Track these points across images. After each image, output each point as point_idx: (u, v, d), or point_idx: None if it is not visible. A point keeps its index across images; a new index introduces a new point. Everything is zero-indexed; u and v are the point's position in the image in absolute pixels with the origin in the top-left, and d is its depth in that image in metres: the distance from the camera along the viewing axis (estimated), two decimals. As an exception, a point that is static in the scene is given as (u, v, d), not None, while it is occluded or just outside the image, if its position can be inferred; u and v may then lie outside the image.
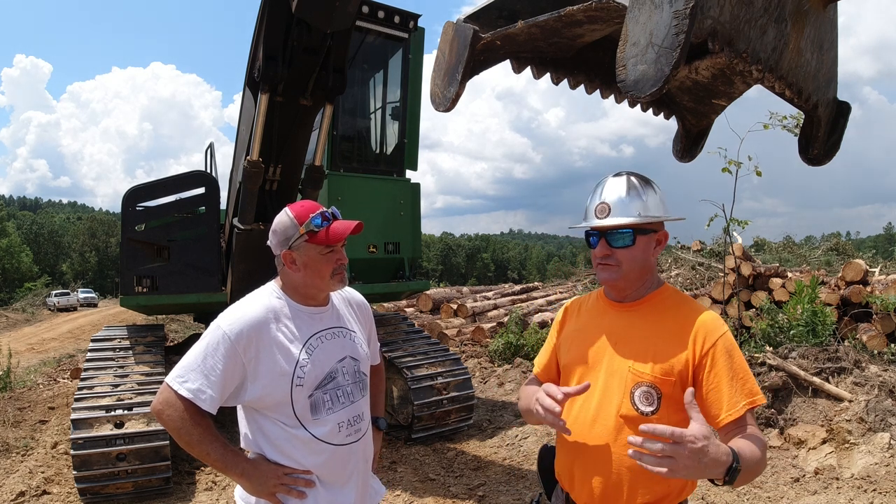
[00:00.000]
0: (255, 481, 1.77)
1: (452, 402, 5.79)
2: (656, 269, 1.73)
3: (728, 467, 1.34)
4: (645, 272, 1.67)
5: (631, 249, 1.62)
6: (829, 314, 6.38)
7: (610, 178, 1.68)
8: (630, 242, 1.62)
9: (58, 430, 5.93)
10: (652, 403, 1.55)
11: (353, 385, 1.93)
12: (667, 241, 1.68)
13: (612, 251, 1.63)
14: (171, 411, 1.73)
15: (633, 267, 1.64)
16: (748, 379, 1.54)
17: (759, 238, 17.54)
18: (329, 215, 1.85)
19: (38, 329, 23.71)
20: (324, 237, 1.82)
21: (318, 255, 1.84)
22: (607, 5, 1.39)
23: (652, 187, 1.65)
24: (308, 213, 1.83)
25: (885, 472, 4.19)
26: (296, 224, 1.82)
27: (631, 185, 1.63)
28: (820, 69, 1.68)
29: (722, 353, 1.54)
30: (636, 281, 1.67)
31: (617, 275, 1.65)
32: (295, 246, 1.83)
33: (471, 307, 11.71)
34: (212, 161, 7.10)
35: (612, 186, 1.65)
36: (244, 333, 1.76)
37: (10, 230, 59.43)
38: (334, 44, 3.84)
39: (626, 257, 1.63)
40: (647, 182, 1.66)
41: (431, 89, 1.78)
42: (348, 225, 1.85)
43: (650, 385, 1.55)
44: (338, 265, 1.87)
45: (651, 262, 1.66)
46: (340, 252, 1.88)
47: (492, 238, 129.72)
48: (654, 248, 1.66)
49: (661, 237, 1.66)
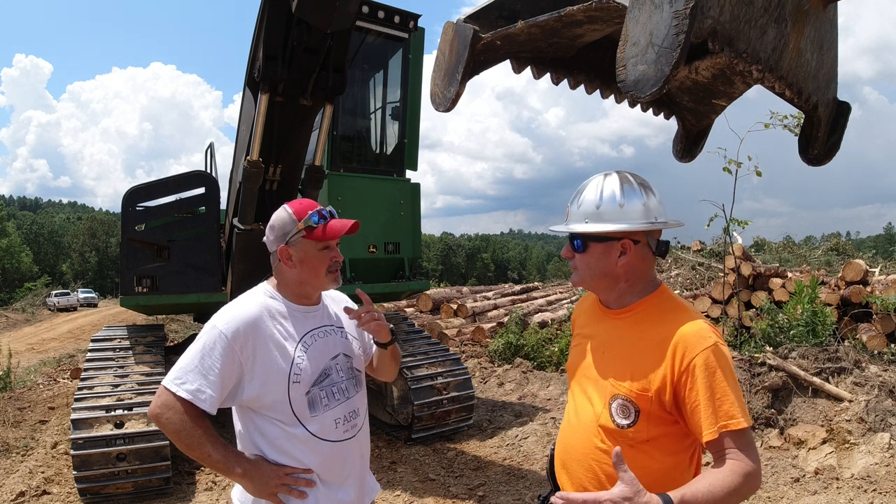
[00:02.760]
0: (257, 482, 1.77)
1: (452, 402, 5.79)
2: (642, 275, 1.62)
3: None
4: (610, 280, 1.60)
5: (585, 255, 1.60)
6: (829, 314, 6.39)
7: (589, 179, 1.65)
8: (580, 249, 1.60)
9: (58, 430, 5.93)
10: (629, 417, 1.51)
11: (347, 381, 1.95)
12: (633, 251, 1.56)
13: (573, 254, 1.64)
14: (170, 414, 1.72)
15: (588, 273, 1.62)
16: (726, 400, 1.42)
17: (759, 238, 17.59)
18: (326, 213, 1.88)
19: (38, 329, 23.70)
20: (321, 233, 1.85)
21: (314, 252, 1.86)
22: (607, 5, 1.39)
23: (617, 195, 1.55)
24: (306, 210, 1.86)
25: (885, 472, 4.19)
26: (294, 220, 1.85)
27: (592, 192, 1.59)
28: (820, 69, 1.68)
29: (701, 370, 1.44)
30: (604, 288, 1.64)
31: (576, 278, 1.67)
32: (292, 241, 1.85)
33: (471, 307, 11.71)
34: (212, 161, 7.10)
35: (580, 190, 1.64)
36: (241, 332, 1.77)
37: (10, 230, 59.44)
38: (334, 44, 3.84)
39: (582, 263, 1.62)
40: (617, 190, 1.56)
41: (431, 89, 1.78)
42: (345, 223, 1.88)
43: (626, 399, 1.52)
44: (333, 262, 1.90)
45: (615, 270, 1.58)
46: (336, 250, 1.91)
47: (492, 238, 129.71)
48: (619, 256, 1.56)
49: (627, 246, 1.56)
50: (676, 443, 1.54)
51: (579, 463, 1.61)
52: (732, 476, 1.38)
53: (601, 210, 1.56)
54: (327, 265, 1.88)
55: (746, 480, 1.39)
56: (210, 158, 7.15)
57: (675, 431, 1.52)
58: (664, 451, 1.52)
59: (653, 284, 1.64)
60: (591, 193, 1.59)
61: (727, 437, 1.42)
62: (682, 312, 1.57)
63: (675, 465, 1.55)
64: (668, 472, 1.52)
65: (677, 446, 1.54)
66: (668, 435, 1.52)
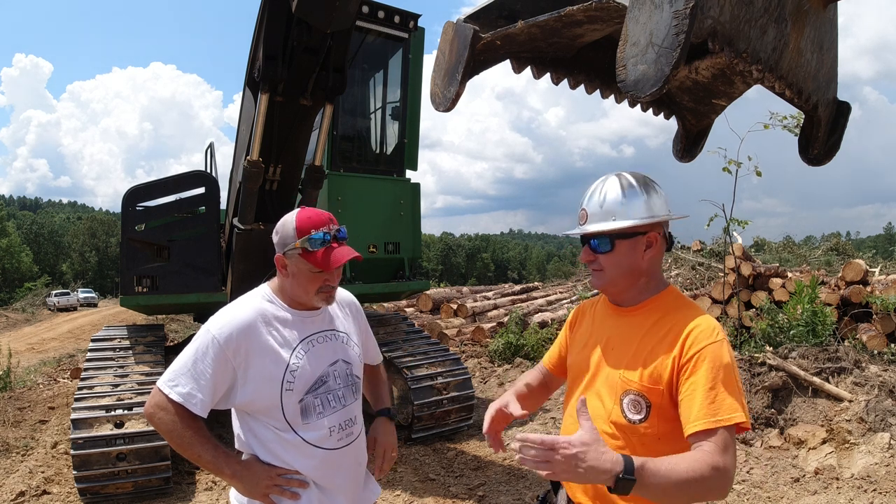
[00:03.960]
0: (246, 482, 1.77)
1: (452, 402, 5.79)
2: (657, 271, 1.65)
3: (615, 476, 1.29)
4: (635, 276, 1.62)
5: (612, 255, 1.59)
6: (829, 314, 6.38)
7: (597, 181, 1.66)
8: (609, 248, 1.59)
9: (58, 430, 5.93)
10: (640, 412, 1.52)
11: (344, 389, 1.91)
12: (659, 244, 1.60)
13: (596, 257, 1.63)
14: (162, 414, 1.74)
15: (617, 272, 1.61)
16: (724, 397, 1.41)
17: (759, 238, 17.58)
18: (331, 236, 1.80)
19: (38, 329, 23.71)
20: (316, 260, 1.78)
21: (307, 271, 1.80)
22: (607, 5, 1.39)
23: (637, 189, 1.58)
24: (310, 228, 1.78)
25: (885, 472, 4.19)
26: (294, 235, 1.79)
27: (611, 190, 1.60)
28: (820, 69, 1.68)
29: (705, 361, 1.45)
30: (627, 286, 1.63)
31: (603, 280, 1.64)
32: (289, 254, 1.81)
33: (471, 307, 11.70)
34: (212, 161, 7.10)
35: (594, 191, 1.64)
36: (233, 338, 1.75)
37: (10, 230, 59.46)
38: (334, 44, 3.84)
39: (609, 263, 1.61)
40: (634, 184, 1.59)
41: (431, 89, 1.78)
42: (345, 254, 1.80)
43: (638, 394, 1.53)
44: (325, 285, 1.84)
45: (641, 265, 1.60)
46: (332, 274, 1.84)
47: (492, 238, 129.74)
48: (645, 250, 1.59)
49: (652, 239, 1.59)
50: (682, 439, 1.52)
51: None
52: (701, 465, 1.34)
53: (627, 206, 1.57)
54: (318, 286, 1.83)
55: (714, 475, 1.34)
56: (210, 158, 7.15)
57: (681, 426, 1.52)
58: (675, 446, 1.50)
59: (664, 282, 1.68)
60: (613, 191, 1.59)
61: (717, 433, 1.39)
62: (694, 309, 1.60)
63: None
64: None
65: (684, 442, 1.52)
66: (677, 429, 1.50)
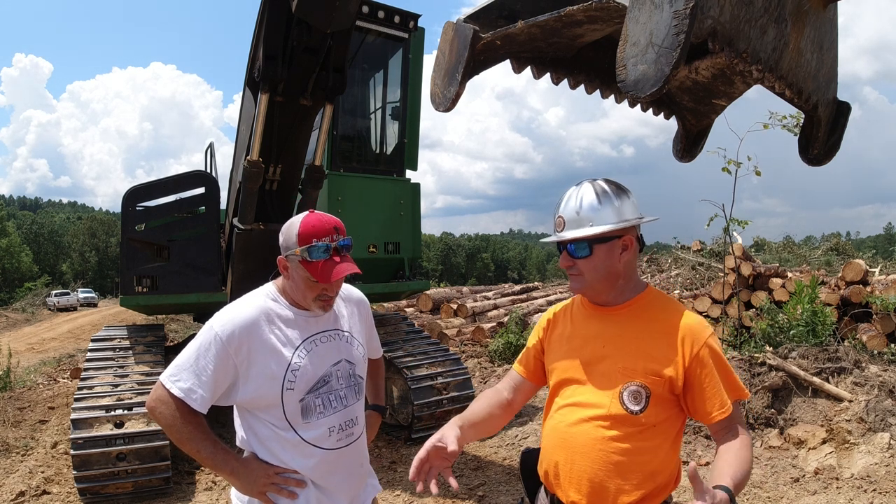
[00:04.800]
0: (244, 480, 1.78)
1: (452, 402, 5.78)
2: (634, 272, 1.72)
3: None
4: (613, 278, 1.67)
5: (590, 259, 1.65)
6: (829, 314, 6.38)
7: (571, 188, 1.71)
8: (587, 253, 1.65)
9: (58, 430, 5.93)
10: (640, 402, 1.59)
11: (347, 389, 1.91)
12: (634, 246, 1.67)
13: (574, 262, 1.68)
14: (163, 408, 1.75)
15: (596, 276, 1.66)
16: (733, 377, 1.63)
17: (759, 238, 17.58)
18: (333, 249, 1.80)
19: (38, 329, 23.71)
20: (315, 271, 1.78)
21: (306, 278, 1.81)
22: (607, 5, 1.39)
23: (611, 195, 1.64)
24: (313, 238, 1.78)
25: (885, 472, 4.19)
26: (296, 242, 1.79)
27: (587, 196, 1.65)
28: (820, 69, 1.68)
29: (709, 355, 1.60)
30: (606, 288, 1.68)
31: (582, 284, 1.69)
32: (290, 258, 1.82)
33: (471, 307, 11.71)
34: (212, 161, 7.10)
35: (569, 198, 1.69)
36: (235, 335, 1.76)
37: (10, 230, 59.48)
38: (334, 44, 3.84)
39: (587, 267, 1.66)
40: (608, 190, 1.65)
41: (431, 89, 1.78)
42: (344, 270, 1.80)
43: (640, 384, 1.59)
44: (323, 294, 1.84)
45: (618, 268, 1.66)
46: (329, 286, 1.83)
47: (492, 238, 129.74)
48: (621, 253, 1.65)
49: (627, 242, 1.65)
50: (670, 427, 1.65)
51: (584, 455, 1.62)
52: (746, 449, 1.57)
53: (603, 212, 1.63)
54: (316, 294, 1.83)
55: (750, 443, 1.60)
56: (210, 158, 7.15)
57: (674, 415, 1.64)
58: (664, 435, 1.63)
59: (642, 282, 1.76)
60: (588, 198, 1.65)
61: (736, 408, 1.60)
62: (678, 306, 1.73)
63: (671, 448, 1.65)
64: (666, 456, 1.64)
65: (671, 430, 1.65)
66: (669, 419, 1.63)
